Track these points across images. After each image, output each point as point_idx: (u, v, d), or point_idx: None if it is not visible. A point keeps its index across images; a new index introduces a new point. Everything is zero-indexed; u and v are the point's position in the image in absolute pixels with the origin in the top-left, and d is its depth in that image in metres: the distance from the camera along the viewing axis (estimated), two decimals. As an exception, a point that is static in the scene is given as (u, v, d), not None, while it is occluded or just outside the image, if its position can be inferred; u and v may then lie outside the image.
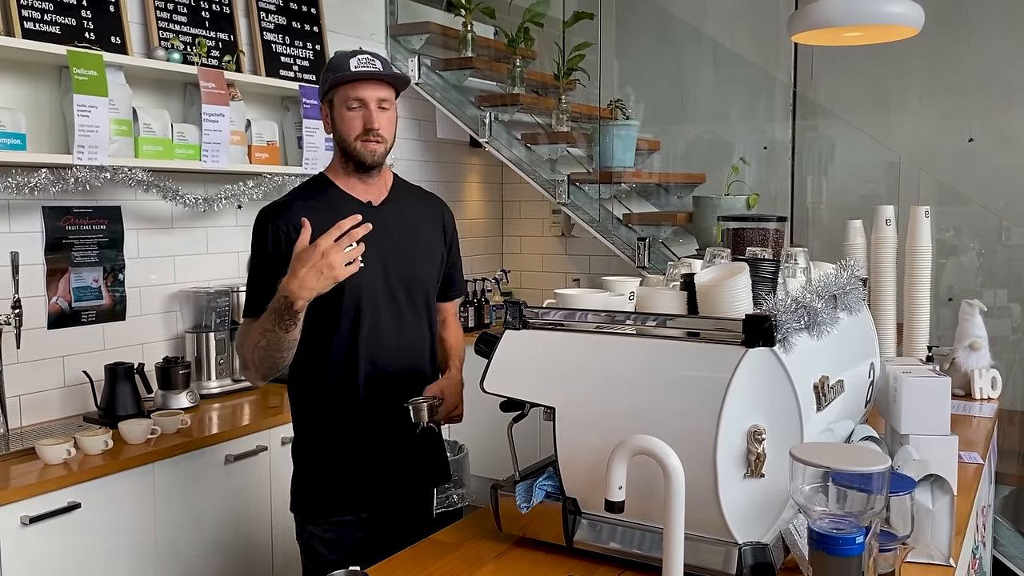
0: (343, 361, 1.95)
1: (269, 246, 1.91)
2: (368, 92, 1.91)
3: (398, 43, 4.15)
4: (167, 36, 3.06)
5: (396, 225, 2.00)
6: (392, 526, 2.04)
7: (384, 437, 2.00)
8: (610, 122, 4.08)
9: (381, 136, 1.94)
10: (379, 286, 1.95)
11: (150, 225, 3.11)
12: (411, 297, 2.02)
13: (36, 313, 2.74)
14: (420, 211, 2.11)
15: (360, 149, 1.93)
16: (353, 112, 1.91)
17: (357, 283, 1.88)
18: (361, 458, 1.99)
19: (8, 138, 2.50)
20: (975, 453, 2.24)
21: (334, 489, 1.99)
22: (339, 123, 1.94)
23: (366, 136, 1.92)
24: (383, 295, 1.96)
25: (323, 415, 1.99)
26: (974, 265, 3.95)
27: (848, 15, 2.25)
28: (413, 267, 2.03)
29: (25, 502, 2.19)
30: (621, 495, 1.35)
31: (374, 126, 1.91)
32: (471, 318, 4.65)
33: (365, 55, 1.93)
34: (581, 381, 1.58)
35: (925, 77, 4.02)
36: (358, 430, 1.98)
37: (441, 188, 4.55)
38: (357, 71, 1.89)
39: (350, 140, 1.93)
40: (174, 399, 2.88)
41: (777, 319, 1.46)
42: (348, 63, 1.90)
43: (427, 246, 2.09)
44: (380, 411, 1.98)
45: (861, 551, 1.13)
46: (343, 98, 1.92)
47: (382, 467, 2.01)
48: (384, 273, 1.96)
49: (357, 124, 1.92)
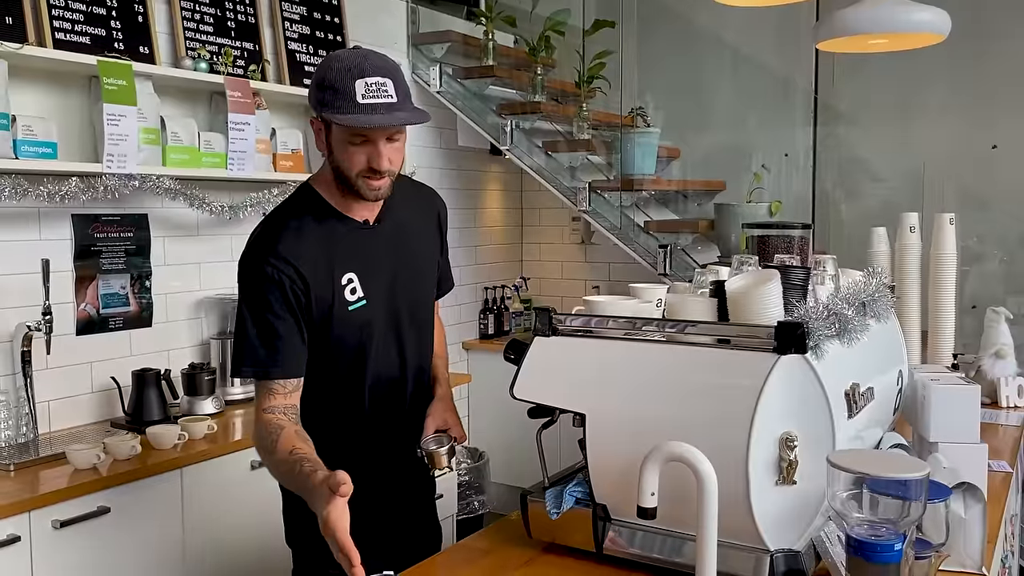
0: (347, 393, 1.81)
1: (268, 293, 1.67)
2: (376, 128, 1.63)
3: (420, 52, 4.18)
4: (194, 46, 3.09)
5: (395, 245, 1.83)
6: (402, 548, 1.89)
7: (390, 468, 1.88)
8: (631, 130, 4.08)
9: (389, 172, 1.69)
10: (382, 315, 1.80)
11: (176, 232, 3.14)
12: (414, 320, 1.88)
13: (65, 319, 2.77)
14: (417, 217, 1.92)
15: (362, 186, 1.69)
16: (356, 147, 1.65)
17: (362, 318, 1.76)
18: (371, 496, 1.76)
19: (39, 147, 2.54)
20: (1003, 461, 2.23)
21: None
22: (338, 152, 1.67)
23: (370, 174, 1.67)
24: (386, 323, 1.81)
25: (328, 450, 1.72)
26: (998, 272, 3.92)
27: (874, 23, 2.25)
28: (415, 291, 1.88)
29: (55, 506, 2.22)
30: (653, 501, 1.35)
31: (381, 167, 1.66)
32: (491, 325, 4.66)
33: (374, 79, 1.60)
34: (611, 387, 1.59)
35: (947, 83, 4.00)
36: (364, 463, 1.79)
37: (461, 196, 4.57)
38: (364, 104, 1.59)
39: (351, 175, 1.68)
40: (200, 405, 2.90)
41: (809, 326, 1.46)
42: (353, 88, 1.59)
43: (426, 259, 1.93)
44: (386, 443, 1.87)
45: (899, 558, 1.13)
46: (341, 134, 1.65)
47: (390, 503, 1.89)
48: (387, 302, 1.81)
49: (360, 161, 1.66)
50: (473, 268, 4.68)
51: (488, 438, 4.35)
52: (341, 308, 1.73)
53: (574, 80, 4.27)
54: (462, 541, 1.82)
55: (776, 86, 4.41)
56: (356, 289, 1.75)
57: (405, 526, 1.94)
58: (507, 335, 4.70)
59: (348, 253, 1.75)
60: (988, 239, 3.89)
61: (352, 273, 1.74)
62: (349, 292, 1.74)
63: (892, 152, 4.15)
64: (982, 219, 3.87)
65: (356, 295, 1.75)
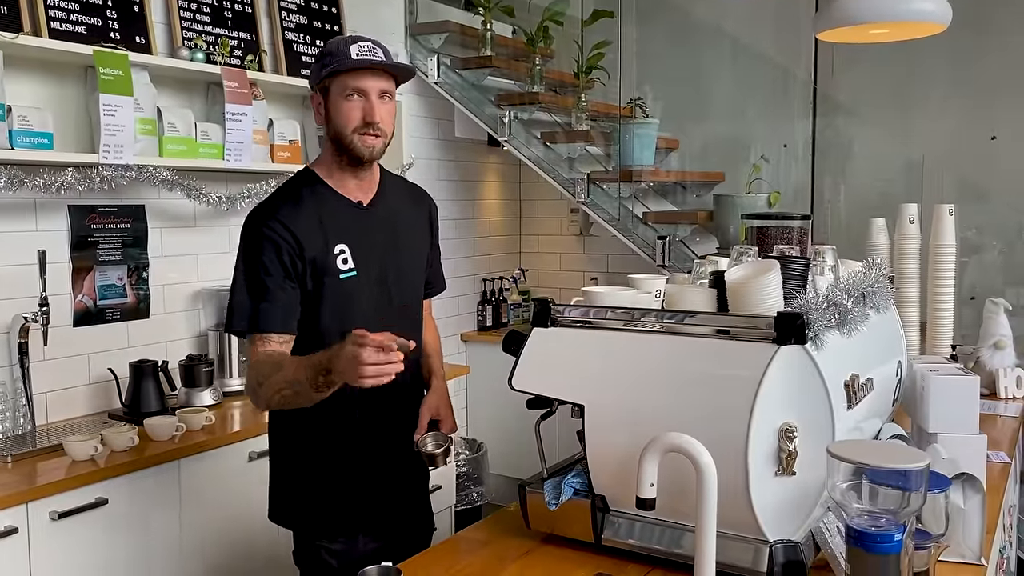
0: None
1: (265, 250, 1.76)
2: (370, 82, 1.79)
3: (417, 42, 4.16)
4: (190, 36, 3.08)
5: (388, 228, 1.91)
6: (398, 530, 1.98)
7: (382, 451, 1.93)
8: (629, 120, 4.07)
9: (381, 130, 1.82)
10: (373, 289, 1.87)
11: (173, 223, 3.13)
12: (403, 300, 1.94)
13: (62, 311, 2.76)
14: (409, 209, 2.01)
15: (357, 143, 1.81)
16: (352, 103, 1.79)
17: (353, 288, 1.82)
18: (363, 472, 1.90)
19: (35, 137, 2.53)
20: (1002, 452, 2.23)
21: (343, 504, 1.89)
22: (335, 114, 1.80)
23: (365, 129, 1.80)
24: (380, 306, 1.87)
25: (321, 432, 1.88)
26: (996, 263, 3.92)
27: (875, 11, 2.24)
28: (404, 273, 1.94)
29: (53, 498, 2.21)
30: (652, 492, 1.35)
31: (375, 119, 1.79)
32: (489, 317, 4.66)
33: (366, 43, 1.80)
34: (610, 379, 1.59)
35: (947, 74, 3.99)
36: (357, 445, 1.89)
37: (459, 187, 4.56)
38: (359, 59, 1.77)
39: (347, 133, 1.80)
40: (198, 396, 2.90)
41: (809, 317, 1.45)
42: (348, 50, 1.77)
43: (417, 250, 2.01)
44: (378, 425, 1.91)
45: (900, 549, 1.12)
46: (341, 87, 1.79)
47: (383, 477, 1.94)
48: (377, 278, 1.88)
49: (356, 116, 1.79)
50: (471, 260, 4.67)
51: (486, 429, 4.36)
52: (332, 276, 1.80)
53: (573, 71, 4.25)
54: (461, 532, 1.82)
55: (775, 77, 4.39)
56: (348, 260, 1.82)
57: (397, 507, 1.98)
58: (505, 327, 4.69)
59: (342, 227, 1.84)
60: (987, 230, 3.89)
61: (344, 245, 1.82)
62: (341, 262, 1.82)
63: (891, 143, 4.14)
64: (981, 210, 3.86)
65: (348, 265, 1.82)
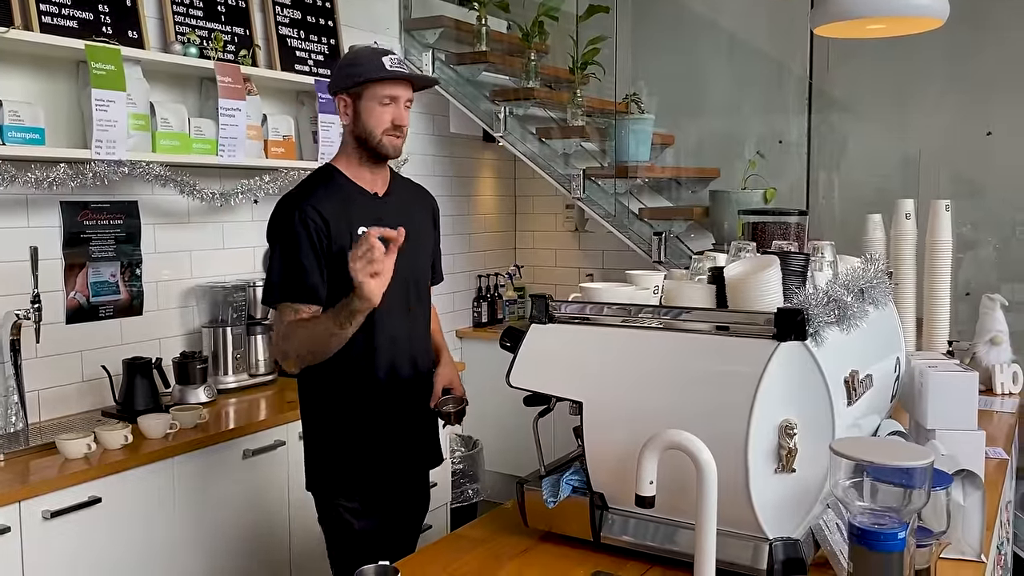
0: (363, 349, 2.05)
1: (298, 230, 1.98)
2: (400, 91, 2.06)
3: (412, 37, 4.14)
4: (183, 31, 3.05)
5: (399, 215, 2.10)
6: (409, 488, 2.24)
7: (401, 415, 2.15)
8: (625, 116, 4.05)
9: (404, 132, 2.10)
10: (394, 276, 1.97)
11: (167, 220, 3.11)
12: (417, 286, 2.18)
13: (54, 308, 2.74)
14: (416, 201, 2.26)
15: (385, 143, 2.07)
16: (384, 108, 2.05)
17: None
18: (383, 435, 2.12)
19: (27, 132, 2.50)
20: (999, 448, 2.23)
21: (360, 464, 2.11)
22: (367, 116, 2.05)
23: (393, 131, 2.07)
24: (399, 286, 2.02)
25: (346, 399, 2.09)
26: (991, 259, 3.92)
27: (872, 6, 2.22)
28: (416, 258, 2.17)
29: (46, 496, 2.19)
30: (652, 490, 1.34)
31: (404, 123, 2.08)
32: (484, 313, 4.64)
33: (395, 56, 2.09)
34: (609, 375, 1.57)
35: (944, 70, 3.98)
36: (378, 410, 2.11)
37: (454, 183, 4.54)
38: (393, 71, 2.04)
39: (377, 133, 2.06)
40: (192, 394, 2.88)
41: (809, 313, 1.44)
42: (381, 61, 2.04)
43: (424, 236, 2.24)
44: (398, 393, 2.13)
45: (903, 547, 1.11)
46: (375, 94, 2.04)
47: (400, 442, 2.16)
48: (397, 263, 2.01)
49: (387, 119, 2.05)
50: (466, 256, 4.66)
51: (481, 426, 4.33)
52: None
53: (568, 66, 4.24)
54: (457, 530, 1.81)
55: (771, 72, 4.38)
56: None
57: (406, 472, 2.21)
58: (501, 323, 4.68)
59: (362, 213, 2.05)
60: (982, 226, 3.88)
61: (365, 228, 1.93)
62: None
63: (887, 138, 4.13)
64: (976, 206, 3.86)
65: None
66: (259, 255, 3.44)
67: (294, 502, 2.81)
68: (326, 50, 3.61)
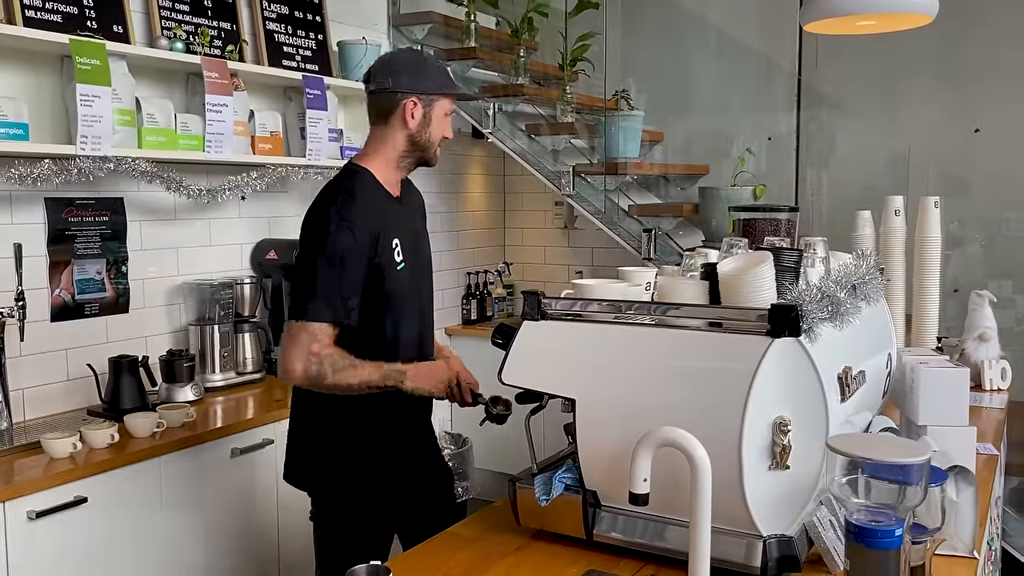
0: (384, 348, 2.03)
1: (350, 251, 1.92)
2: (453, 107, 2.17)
3: (400, 33, 4.12)
4: (169, 25, 3.02)
5: (413, 218, 2.19)
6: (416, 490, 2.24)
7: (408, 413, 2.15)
8: (614, 113, 4.04)
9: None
10: (412, 276, 2.11)
11: (153, 216, 3.07)
12: (426, 284, 2.22)
13: (39, 306, 2.71)
14: (414, 200, 2.29)
15: (438, 152, 2.16)
16: (447, 121, 2.14)
17: (403, 277, 2.05)
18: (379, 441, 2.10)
19: (10, 128, 2.47)
20: (989, 444, 2.23)
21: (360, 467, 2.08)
22: (435, 126, 2.10)
23: (443, 143, 2.15)
24: (413, 284, 2.12)
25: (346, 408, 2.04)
26: (979, 256, 3.94)
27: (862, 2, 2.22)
28: (425, 255, 2.23)
29: (31, 497, 2.17)
30: (646, 487, 1.33)
31: (451, 136, 2.17)
32: (474, 310, 4.63)
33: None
34: (602, 372, 1.56)
35: (932, 67, 3.99)
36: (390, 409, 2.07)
37: (443, 180, 4.52)
38: (460, 90, 2.18)
39: (435, 142, 2.12)
40: (179, 392, 2.85)
41: (803, 309, 1.44)
42: (451, 77, 2.16)
43: (425, 234, 2.29)
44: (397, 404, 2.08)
45: (900, 544, 1.11)
46: (445, 106, 2.11)
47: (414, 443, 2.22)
48: (413, 265, 2.11)
49: (448, 130, 2.14)
50: (455, 253, 4.64)
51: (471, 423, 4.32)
52: (391, 268, 2.01)
53: (557, 62, 4.22)
54: (449, 528, 1.79)
55: (760, 69, 4.38)
56: (399, 252, 2.05)
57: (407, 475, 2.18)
58: (490, 320, 4.66)
59: (392, 221, 2.05)
60: (970, 223, 3.90)
61: (397, 239, 2.04)
62: (396, 254, 2.04)
63: (876, 135, 4.14)
64: (964, 203, 3.87)
65: (399, 258, 2.05)
66: (246, 252, 3.41)
67: (282, 500, 2.78)
68: (314, 46, 3.58)
